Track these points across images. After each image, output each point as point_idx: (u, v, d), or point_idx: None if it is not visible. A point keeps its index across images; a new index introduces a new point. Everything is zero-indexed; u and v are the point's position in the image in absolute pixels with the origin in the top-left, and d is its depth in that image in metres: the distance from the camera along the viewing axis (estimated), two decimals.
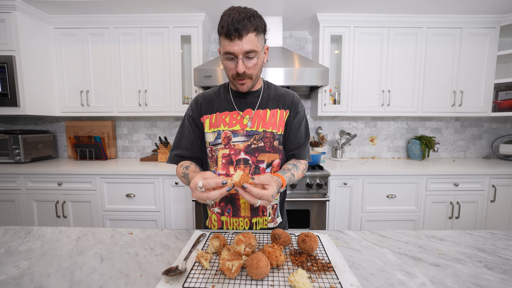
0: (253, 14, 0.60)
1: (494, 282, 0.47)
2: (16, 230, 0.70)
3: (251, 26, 0.59)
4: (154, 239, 0.65)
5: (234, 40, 0.58)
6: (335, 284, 0.46)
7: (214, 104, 0.73)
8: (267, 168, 0.72)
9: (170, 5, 1.65)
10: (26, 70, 1.64)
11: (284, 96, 0.74)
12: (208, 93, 0.76)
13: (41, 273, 0.50)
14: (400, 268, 0.52)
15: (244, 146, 0.71)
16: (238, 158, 0.70)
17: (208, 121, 0.73)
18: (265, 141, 0.71)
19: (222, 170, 0.72)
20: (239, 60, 0.61)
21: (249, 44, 0.59)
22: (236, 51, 0.60)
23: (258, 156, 0.71)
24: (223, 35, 0.59)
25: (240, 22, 0.57)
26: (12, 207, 1.64)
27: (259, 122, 0.71)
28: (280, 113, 0.73)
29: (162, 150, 1.93)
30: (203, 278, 0.48)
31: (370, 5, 1.64)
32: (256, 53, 0.62)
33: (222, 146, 0.71)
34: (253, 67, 0.64)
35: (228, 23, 0.58)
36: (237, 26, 0.57)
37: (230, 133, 0.71)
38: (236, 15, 0.58)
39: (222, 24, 0.59)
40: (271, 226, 0.75)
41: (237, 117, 0.71)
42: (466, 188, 1.62)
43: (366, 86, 1.83)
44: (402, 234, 0.68)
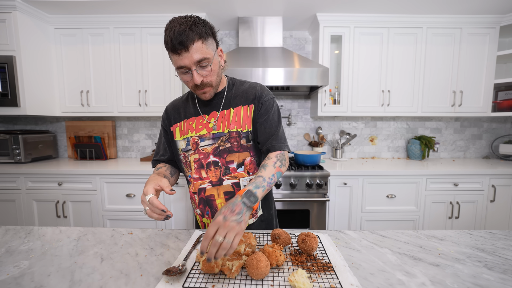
0: (195, 22, 0.58)
1: (494, 282, 0.47)
2: (17, 230, 0.70)
3: (195, 34, 0.57)
4: (154, 239, 0.66)
5: (181, 53, 0.58)
6: (335, 284, 0.46)
7: (181, 112, 0.75)
8: (238, 168, 0.71)
9: (170, 5, 1.65)
10: (26, 70, 1.64)
11: (248, 91, 0.73)
12: (177, 101, 0.79)
13: (42, 273, 0.50)
14: (400, 268, 0.52)
15: (212, 149, 0.71)
16: (208, 161, 0.72)
17: (178, 129, 0.75)
18: (231, 141, 0.71)
19: (196, 174, 0.73)
20: (193, 72, 0.60)
21: (197, 53, 0.58)
22: (187, 63, 0.59)
23: (226, 157, 0.71)
24: (170, 50, 0.59)
25: (182, 34, 0.56)
26: (12, 207, 1.64)
27: (224, 123, 0.71)
28: (244, 110, 0.71)
29: None
30: (203, 278, 0.48)
31: (370, 5, 1.64)
32: (209, 60, 0.61)
33: (192, 151, 0.73)
34: (209, 74, 0.63)
35: (171, 38, 0.57)
36: (181, 39, 0.56)
37: (197, 138, 0.72)
38: (177, 27, 0.57)
39: (166, 40, 0.58)
40: (251, 222, 0.75)
41: (203, 121, 0.72)
42: (466, 188, 1.63)
43: (366, 86, 1.83)
44: (402, 234, 0.68)
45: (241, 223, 0.49)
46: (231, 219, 0.48)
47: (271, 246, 0.54)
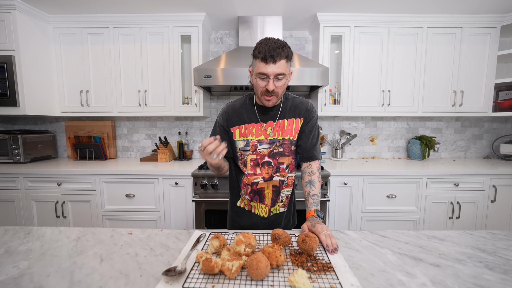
0: (286, 45, 0.73)
1: (495, 282, 0.47)
2: (16, 230, 0.70)
3: (284, 54, 0.71)
4: (154, 239, 0.65)
5: (269, 64, 0.71)
6: (335, 284, 0.46)
7: (244, 116, 0.86)
8: (286, 168, 0.87)
9: (170, 5, 1.65)
10: (25, 70, 1.64)
11: (299, 106, 0.88)
12: (236, 105, 0.89)
13: (41, 273, 0.50)
14: (400, 268, 0.52)
15: (268, 151, 0.85)
16: (263, 161, 0.85)
17: (238, 131, 0.86)
18: (284, 146, 0.86)
19: (251, 170, 0.86)
20: (271, 80, 0.73)
21: (280, 68, 0.72)
22: (269, 72, 0.72)
23: (279, 159, 0.86)
24: (260, 59, 0.72)
25: (275, 50, 0.70)
26: (11, 207, 1.63)
27: (279, 131, 0.86)
28: (296, 122, 0.87)
29: (162, 150, 1.93)
30: (203, 278, 0.48)
31: (370, 5, 1.64)
32: (285, 76, 0.74)
33: (250, 152, 0.86)
34: (281, 87, 0.76)
35: (265, 50, 0.71)
36: (273, 53, 0.70)
37: (256, 142, 0.85)
38: (273, 44, 0.71)
39: (260, 50, 0.72)
40: (282, 211, 0.92)
41: (261, 128, 0.85)
42: (466, 188, 1.62)
43: (366, 86, 1.83)
44: (403, 234, 0.68)
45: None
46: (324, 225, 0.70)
47: (271, 247, 0.54)
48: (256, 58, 0.74)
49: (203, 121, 2.14)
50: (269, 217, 0.90)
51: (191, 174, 1.56)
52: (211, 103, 2.14)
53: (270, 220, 0.90)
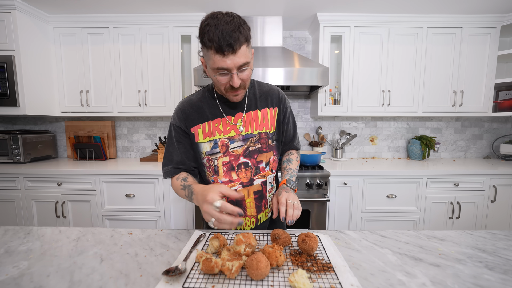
0: (241, 23, 0.56)
1: (495, 282, 0.47)
2: (16, 230, 0.70)
3: (243, 37, 0.55)
4: (154, 239, 0.65)
5: (227, 55, 0.55)
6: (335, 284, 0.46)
7: (205, 112, 0.70)
8: (266, 166, 0.75)
9: (170, 5, 1.65)
10: (25, 70, 1.64)
11: (270, 93, 0.75)
12: (194, 100, 0.72)
13: (41, 273, 0.50)
14: (400, 268, 0.52)
15: (242, 150, 0.71)
16: (238, 163, 0.71)
17: (201, 131, 0.70)
18: (261, 142, 0.73)
19: (225, 177, 0.71)
20: (234, 75, 0.58)
21: (242, 57, 0.57)
22: (230, 66, 0.56)
23: (257, 157, 0.73)
24: (213, 49, 0.55)
25: (232, 36, 0.53)
26: (11, 207, 1.63)
27: (252, 124, 0.71)
28: (270, 112, 0.74)
29: (162, 150, 1.93)
30: (203, 278, 0.48)
31: (370, 5, 1.64)
32: (249, 64, 0.60)
33: (221, 154, 0.71)
34: (247, 77, 0.62)
35: (219, 37, 0.53)
36: (230, 41, 0.53)
37: (226, 141, 0.70)
38: (225, 26, 0.53)
39: (210, 37, 0.54)
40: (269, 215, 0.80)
41: (229, 123, 0.70)
42: (466, 188, 1.62)
43: (366, 86, 1.83)
44: (403, 234, 0.68)
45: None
46: (293, 194, 0.64)
47: (271, 247, 0.54)
48: (208, 48, 0.56)
49: None
50: (257, 226, 0.76)
51: None
52: None
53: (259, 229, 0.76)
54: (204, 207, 0.53)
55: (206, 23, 0.56)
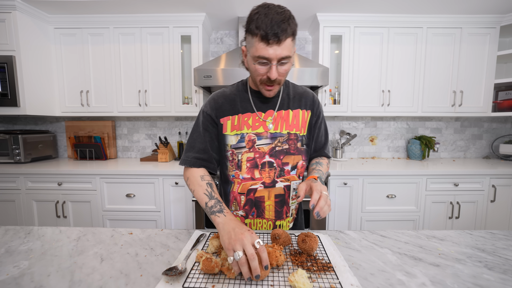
0: (291, 16, 0.56)
1: (494, 282, 0.47)
2: (16, 230, 0.70)
3: (290, 30, 0.54)
4: (154, 239, 0.65)
5: (271, 45, 0.54)
6: (335, 284, 0.46)
7: (237, 105, 0.69)
8: (292, 170, 0.71)
9: (170, 5, 1.65)
10: (26, 70, 1.64)
11: (304, 95, 0.73)
12: (227, 92, 0.72)
13: (41, 273, 0.50)
14: (400, 268, 0.52)
15: (268, 148, 0.68)
16: (263, 162, 0.68)
17: (229, 123, 0.69)
18: (289, 143, 0.69)
19: (247, 174, 0.69)
20: (273, 67, 0.57)
21: (286, 49, 0.55)
22: (272, 56, 0.55)
23: (283, 158, 0.69)
24: (259, 37, 0.54)
25: (280, 26, 0.53)
26: (12, 207, 1.64)
27: (282, 124, 0.69)
28: (302, 114, 0.71)
29: (162, 150, 1.93)
30: (203, 278, 0.48)
31: (370, 5, 1.64)
32: (290, 59, 0.58)
33: (246, 149, 0.68)
34: (285, 73, 0.60)
35: (267, 25, 0.52)
36: (277, 31, 0.52)
37: (254, 136, 0.68)
38: (275, 16, 0.53)
39: (258, 25, 0.53)
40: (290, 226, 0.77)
41: (259, 119, 0.68)
42: (466, 188, 1.62)
43: (366, 86, 1.83)
44: (402, 234, 0.68)
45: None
46: (323, 185, 0.60)
47: (271, 246, 0.54)
48: (253, 36, 0.55)
49: None
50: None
51: None
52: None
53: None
54: (229, 253, 0.47)
55: (256, 11, 0.56)
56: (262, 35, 0.54)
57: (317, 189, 0.56)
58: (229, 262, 0.46)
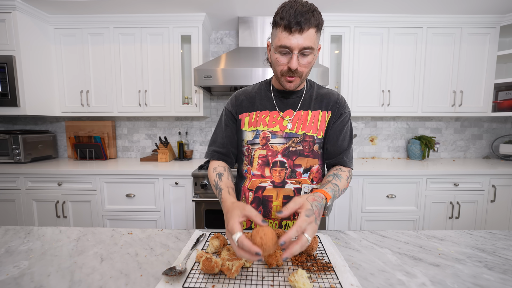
0: (316, 9, 0.57)
1: (494, 282, 0.47)
2: (16, 230, 0.70)
3: (314, 21, 0.55)
4: (154, 239, 0.65)
5: (294, 33, 0.55)
6: (335, 284, 0.46)
7: (256, 102, 0.70)
8: (304, 173, 0.69)
9: (170, 5, 1.65)
10: (26, 70, 1.64)
11: (327, 96, 0.70)
12: (249, 90, 0.74)
13: (41, 273, 0.50)
14: (400, 268, 0.52)
15: (282, 148, 0.68)
16: (274, 160, 0.68)
17: (247, 119, 0.71)
18: (304, 144, 0.68)
19: (257, 171, 0.69)
20: (294, 56, 0.57)
21: (308, 40, 0.56)
22: (293, 45, 0.56)
23: (295, 160, 0.68)
24: (282, 26, 0.56)
25: (303, 15, 0.54)
26: (12, 207, 1.64)
27: (299, 124, 0.68)
28: (322, 115, 0.69)
29: (162, 150, 1.93)
30: (203, 278, 0.48)
31: (370, 5, 1.64)
32: (312, 51, 0.58)
33: (259, 146, 0.69)
34: (307, 65, 0.60)
35: (290, 14, 0.54)
36: (300, 19, 0.54)
37: (269, 134, 0.68)
38: (300, 7, 0.55)
39: (283, 15, 0.55)
40: None
41: (277, 117, 0.68)
42: (466, 188, 1.62)
43: (366, 86, 1.83)
44: (402, 234, 0.68)
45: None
46: (317, 223, 0.49)
47: None
48: (277, 26, 0.57)
49: (203, 121, 2.14)
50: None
51: (191, 174, 1.56)
52: (211, 103, 2.14)
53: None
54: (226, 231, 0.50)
55: (283, 5, 0.58)
56: (285, 24, 0.55)
57: (301, 225, 0.45)
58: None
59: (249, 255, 0.44)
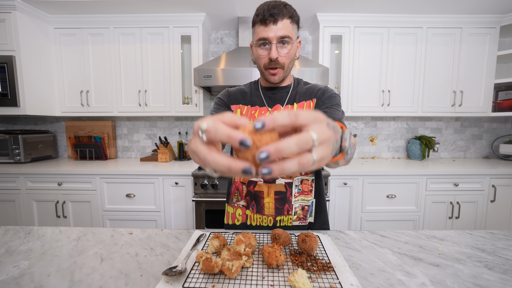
0: (288, 4, 0.62)
1: (494, 282, 0.47)
2: (16, 230, 0.70)
3: (287, 12, 0.60)
4: (154, 239, 0.65)
5: (269, 25, 0.59)
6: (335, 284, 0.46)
7: (247, 97, 0.73)
8: None
9: (170, 5, 1.65)
10: (26, 70, 1.64)
11: (312, 88, 0.73)
12: (241, 87, 0.77)
13: (41, 273, 0.50)
14: (400, 268, 0.52)
15: None
16: None
17: (239, 111, 0.72)
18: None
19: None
20: (273, 45, 0.61)
21: (283, 29, 0.60)
22: (270, 36, 0.60)
23: None
24: (258, 22, 0.61)
25: (276, 8, 0.60)
26: (12, 207, 1.64)
27: None
28: (307, 104, 0.70)
29: (162, 150, 1.93)
30: (203, 278, 0.48)
31: (370, 5, 1.64)
32: (290, 39, 0.62)
33: None
34: (286, 55, 0.63)
35: (264, 9, 0.60)
36: (273, 11, 0.59)
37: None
38: (273, 3, 0.61)
39: (258, 12, 0.61)
40: (296, 224, 0.71)
41: (265, 113, 0.70)
42: (466, 188, 1.62)
43: (366, 86, 1.83)
44: (402, 234, 0.68)
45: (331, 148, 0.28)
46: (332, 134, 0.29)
47: (271, 246, 0.54)
48: (255, 24, 0.63)
49: None
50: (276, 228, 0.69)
51: (191, 174, 1.57)
52: (211, 103, 2.14)
53: None
54: (190, 145, 0.30)
55: (259, 5, 0.63)
56: (261, 18, 0.61)
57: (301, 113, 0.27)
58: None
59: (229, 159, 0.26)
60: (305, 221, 0.73)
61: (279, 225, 0.72)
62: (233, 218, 0.75)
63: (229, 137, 0.26)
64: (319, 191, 0.75)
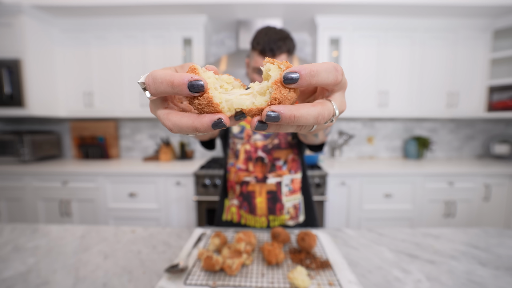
0: (288, 36, 0.64)
1: (487, 278, 0.48)
2: (23, 227, 0.72)
3: (285, 47, 0.63)
4: (156, 237, 0.67)
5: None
6: (333, 281, 0.47)
7: None
8: (283, 165, 0.73)
9: (172, 9, 1.67)
10: (32, 72, 1.66)
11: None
12: None
13: (47, 269, 0.52)
14: (396, 265, 0.53)
15: (262, 144, 0.73)
16: (256, 156, 0.73)
17: None
18: (279, 137, 0.73)
19: (243, 165, 0.73)
20: None
21: None
22: None
23: (274, 154, 0.72)
24: (258, 51, 0.64)
25: (276, 43, 0.62)
26: (18, 205, 1.65)
27: None
28: None
29: (164, 150, 1.95)
30: (204, 275, 0.50)
31: (367, 8, 1.66)
32: None
33: (245, 141, 0.74)
34: None
35: (265, 41, 0.62)
36: (272, 46, 0.62)
37: (251, 132, 0.74)
38: (273, 35, 0.63)
39: (258, 41, 0.63)
40: (290, 224, 0.73)
41: None
42: (461, 187, 1.64)
43: (363, 88, 1.85)
44: (399, 232, 0.69)
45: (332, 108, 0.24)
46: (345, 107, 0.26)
47: (271, 244, 0.55)
48: (254, 50, 0.65)
49: None
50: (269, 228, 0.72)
51: (192, 173, 1.58)
52: None
53: None
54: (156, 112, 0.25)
55: (260, 30, 0.66)
56: (260, 49, 0.63)
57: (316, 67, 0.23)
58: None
59: (194, 117, 0.21)
60: (297, 219, 0.74)
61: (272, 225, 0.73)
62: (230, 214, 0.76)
63: (171, 83, 0.20)
64: (306, 187, 0.77)
